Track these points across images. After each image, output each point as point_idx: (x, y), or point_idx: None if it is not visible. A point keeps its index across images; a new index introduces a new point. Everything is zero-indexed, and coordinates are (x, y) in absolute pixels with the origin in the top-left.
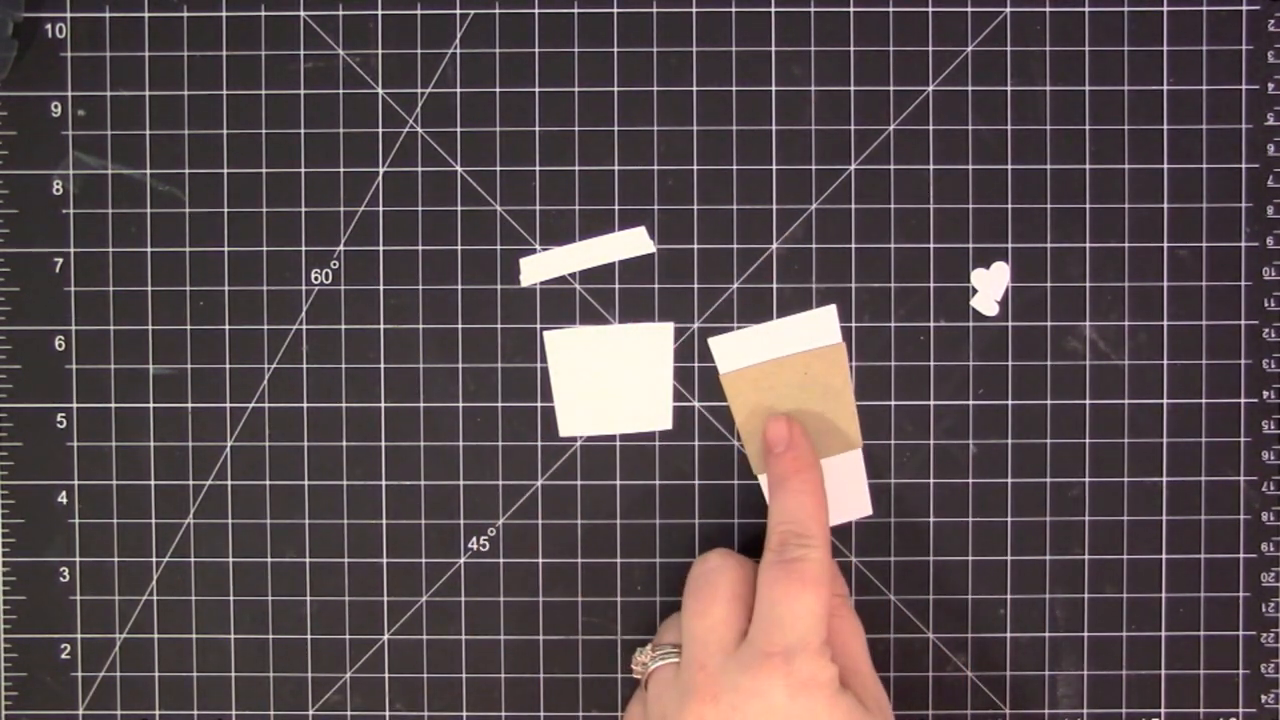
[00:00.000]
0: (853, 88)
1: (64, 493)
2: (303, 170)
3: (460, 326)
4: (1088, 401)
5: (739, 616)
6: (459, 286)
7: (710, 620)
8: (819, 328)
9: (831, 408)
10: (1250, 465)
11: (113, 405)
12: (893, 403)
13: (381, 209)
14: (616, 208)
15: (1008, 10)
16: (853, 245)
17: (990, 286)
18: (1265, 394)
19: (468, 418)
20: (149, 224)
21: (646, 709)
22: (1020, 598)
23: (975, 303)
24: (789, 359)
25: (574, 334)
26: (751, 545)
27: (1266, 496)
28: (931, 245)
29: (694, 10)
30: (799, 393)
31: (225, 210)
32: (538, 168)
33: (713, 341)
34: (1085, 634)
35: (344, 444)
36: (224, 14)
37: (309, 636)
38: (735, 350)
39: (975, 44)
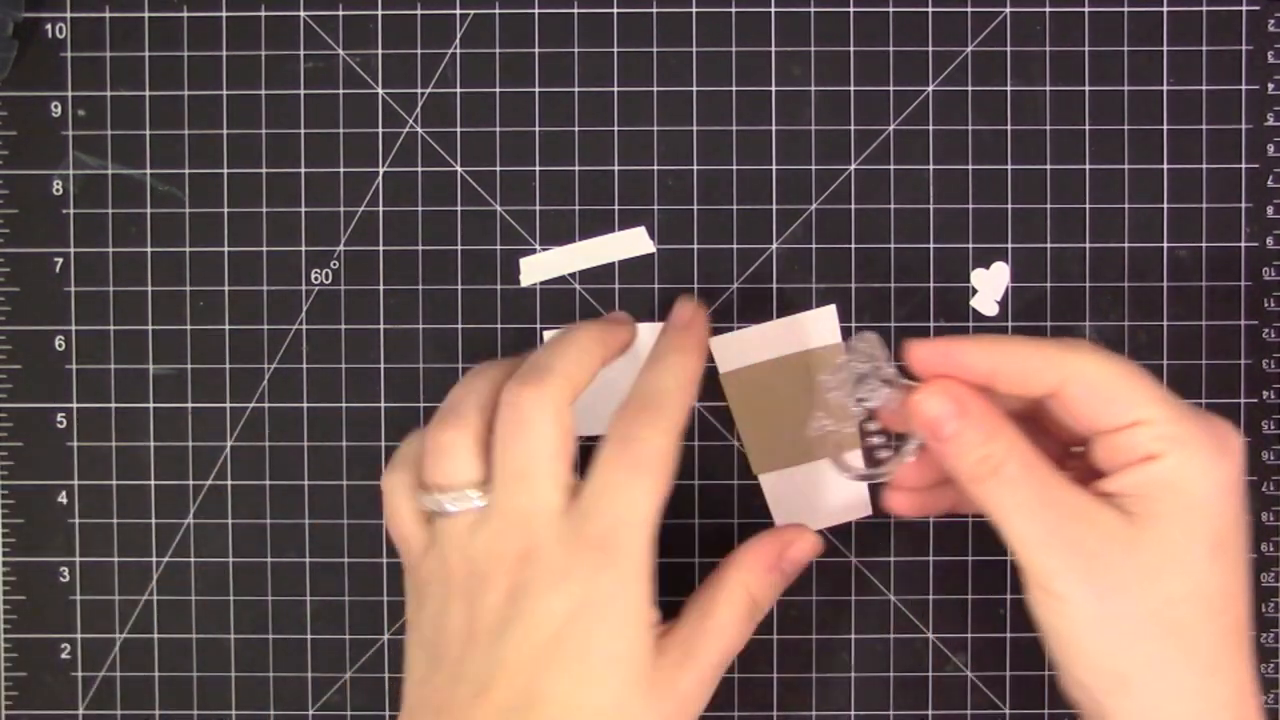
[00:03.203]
0: (853, 88)
1: (64, 493)
2: (303, 170)
3: (460, 326)
4: None
5: (566, 465)
6: (459, 286)
7: (535, 462)
8: (819, 328)
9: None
10: (1250, 465)
11: (113, 405)
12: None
13: (381, 209)
14: (616, 208)
15: (1008, 10)
16: (853, 245)
17: (990, 286)
18: (1265, 394)
19: None
20: (149, 224)
21: (437, 565)
22: (1020, 598)
23: (975, 303)
24: (789, 359)
25: None
26: None
27: (1266, 496)
28: (931, 245)
29: (694, 10)
30: (799, 392)
31: (225, 210)
32: (538, 168)
33: (713, 341)
34: None
35: (344, 444)
36: (224, 14)
37: (309, 636)
38: (735, 350)
39: (975, 44)
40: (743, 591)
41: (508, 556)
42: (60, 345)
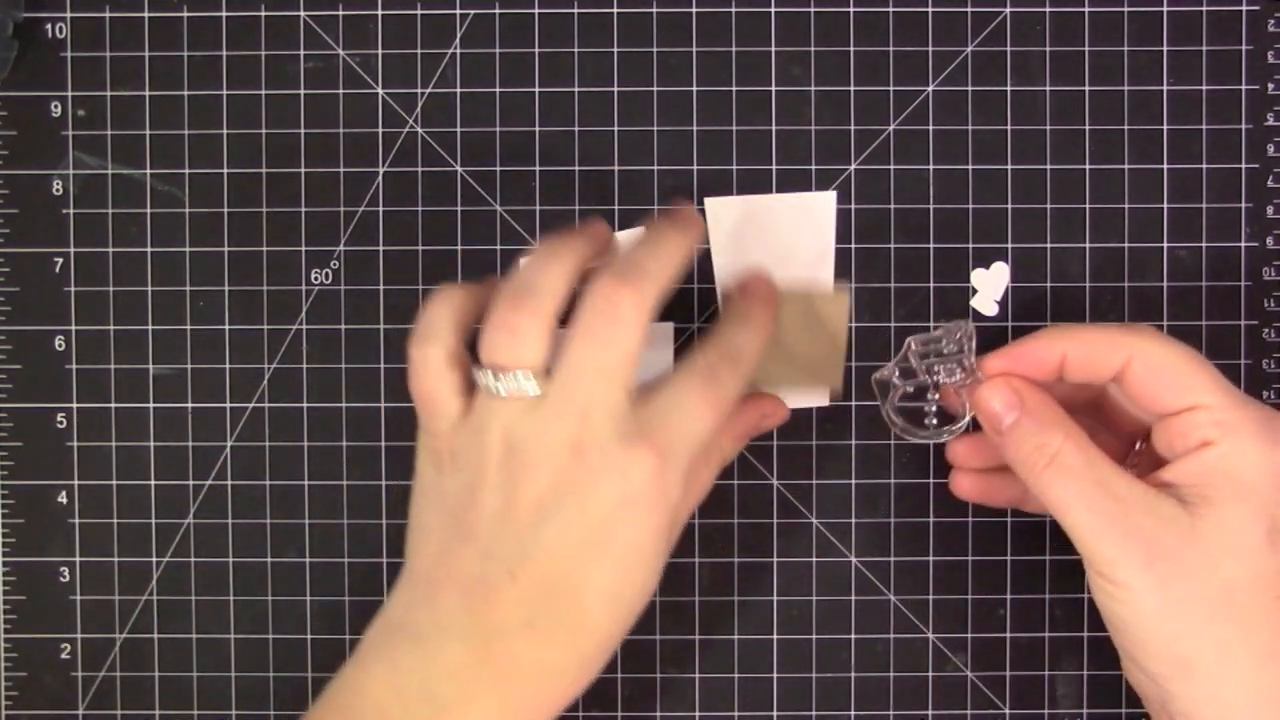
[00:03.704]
0: (853, 88)
1: (64, 493)
2: (303, 170)
3: None
4: None
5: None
6: None
7: (615, 361)
8: (815, 209)
9: (820, 348)
10: None
11: (113, 405)
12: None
13: (381, 209)
14: (616, 208)
15: (1008, 10)
16: (853, 245)
17: (990, 286)
18: (1265, 394)
19: None
20: (149, 224)
21: (469, 437)
22: (1020, 598)
23: (975, 303)
24: (793, 294)
25: None
26: (753, 545)
27: None
28: (931, 245)
29: (694, 10)
30: (794, 325)
31: (225, 210)
32: (538, 168)
33: (709, 202)
34: (1085, 634)
35: (344, 444)
36: (224, 14)
37: (309, 636)
38: (730, 213)
39: (975, 44)
40: (718, 453)
41: (560, 445)
42: (60, 345)
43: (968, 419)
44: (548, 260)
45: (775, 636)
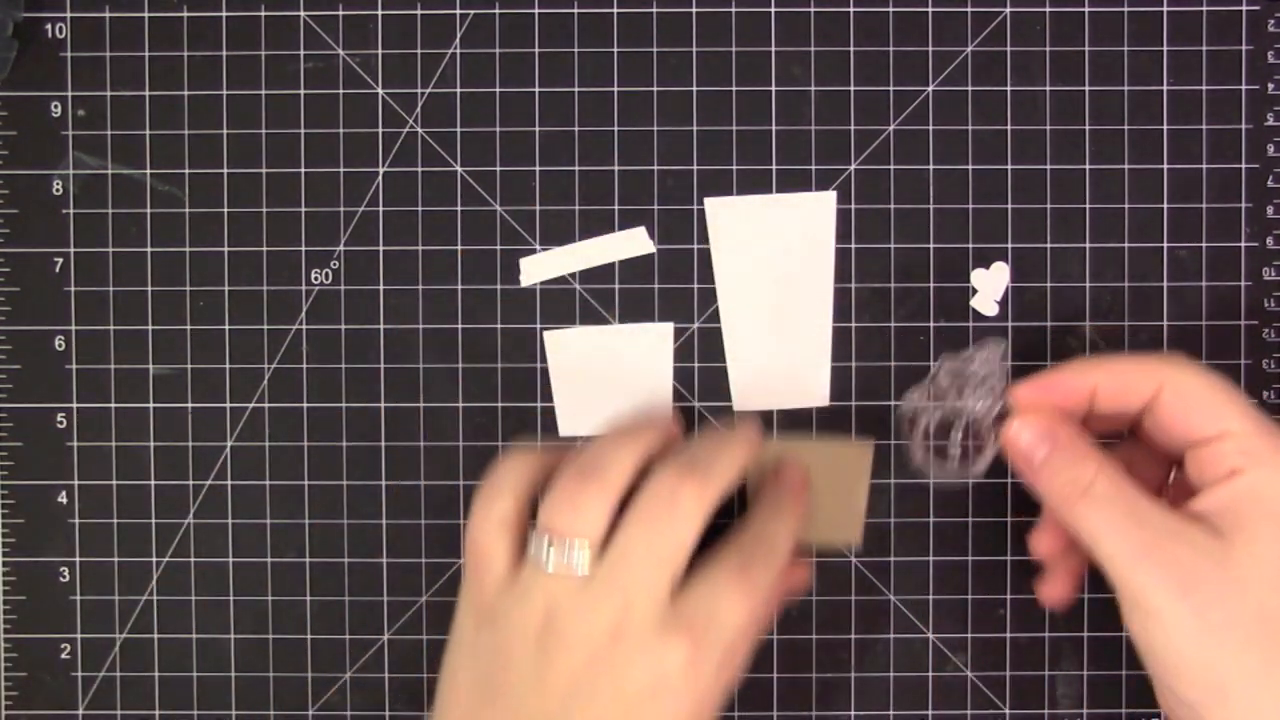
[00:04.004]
0: (853, 88)
1: (64, 493)
2: (303, 170)
3: (460, 326)
4: None
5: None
6: (459, 286)
7: (667, 549)
8: (815, 209)
9: (841, 502)
10: None
11: (113, 405)
12: (892, 403)
13: (381, 209)
14: (616, 208)
15: (1008, 10)
16: (853, 245)
17: (990, 286)
18: (1265, 394)
19: (468, 418)
20: (149, 224)
21: (514, 604)
22: (1020, 598)
23: (975, 303)
24: (816, 446)
25: (574, 334)
26: None
27: None
28: (931, 245)
29: (694, 10)
30: (815, 478)
31: (225, 210)
32: (538, 168)
33: (708, 202)
34: (1085, 634)
35: (344, 444)
36: (224, 14)
37: (309, 636)
38: (728, 213)
39: (975, 44)
40: (755, 627)
41: (600, 629)
42: (60, 345)
43: (993, 451)
44: (619, 442)
45: (775, 637)
